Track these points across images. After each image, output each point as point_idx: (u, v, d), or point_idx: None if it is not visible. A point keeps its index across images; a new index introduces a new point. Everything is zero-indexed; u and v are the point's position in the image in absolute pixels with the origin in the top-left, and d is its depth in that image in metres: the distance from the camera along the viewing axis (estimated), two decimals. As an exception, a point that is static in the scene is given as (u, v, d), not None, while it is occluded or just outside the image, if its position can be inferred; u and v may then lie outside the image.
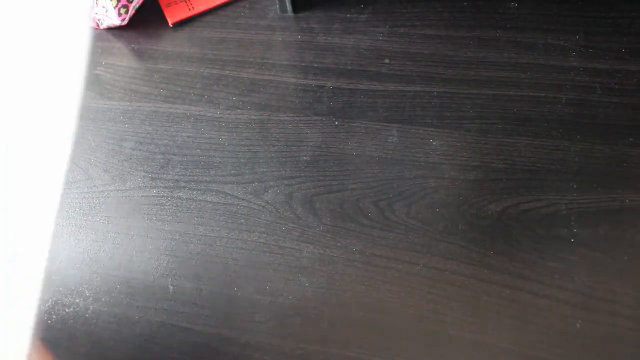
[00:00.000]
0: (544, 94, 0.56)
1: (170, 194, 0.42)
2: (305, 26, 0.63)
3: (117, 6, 0.52)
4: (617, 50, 0.45)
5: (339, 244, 0.53)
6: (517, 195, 0.50)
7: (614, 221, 0.44)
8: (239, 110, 0.44)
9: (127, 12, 0.53)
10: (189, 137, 0.45)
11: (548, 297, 0.46)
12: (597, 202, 0.41)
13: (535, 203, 0.50)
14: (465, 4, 0.51)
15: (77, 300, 0.38)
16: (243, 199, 0.55)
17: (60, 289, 0.39)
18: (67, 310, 0.38)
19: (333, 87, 0.61)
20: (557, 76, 0.42)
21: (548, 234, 0.48)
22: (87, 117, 0.49)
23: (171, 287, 0.48)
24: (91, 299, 0.38)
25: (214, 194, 0.52)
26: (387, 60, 0.63)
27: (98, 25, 0.54)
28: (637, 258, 0.44)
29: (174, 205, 0.42)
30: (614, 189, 0.39)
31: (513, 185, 0.51)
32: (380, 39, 0.65)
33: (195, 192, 0.42)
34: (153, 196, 0.43)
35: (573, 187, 0.43)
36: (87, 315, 0.38)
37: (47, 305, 0.39)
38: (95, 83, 0.51)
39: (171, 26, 0.54)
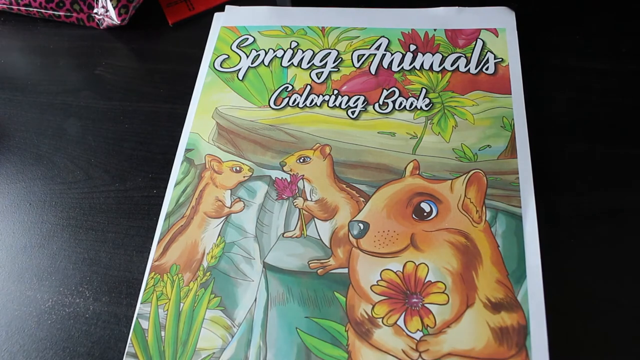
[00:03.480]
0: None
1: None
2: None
3: (116, 6, 0.52)
4: (618, 51, 0.46)
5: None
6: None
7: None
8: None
9: (126, 12, 0.53)
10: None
11: None
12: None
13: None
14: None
15: (77, 300, 0.38)
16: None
17: (60, 288, 0.39)
18: (66, 310, 0.38)
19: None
20: (557, 76, 0.44)
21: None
22: (87, 117, 0.49)
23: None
24: (91, 298, 0.39)
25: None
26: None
27: (98, 25, 0.54)
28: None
29: (175, 205, 0.42)
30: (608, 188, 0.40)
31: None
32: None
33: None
34: (153, 196, 0.43)
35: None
36: (87, 315, 0.38)
37: (46, 305, 0.38)
38: (95, 83, 0.51)
39: (171, 26, 0.54)
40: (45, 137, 0.48)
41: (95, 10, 0.54)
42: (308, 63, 0.46)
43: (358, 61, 0.46)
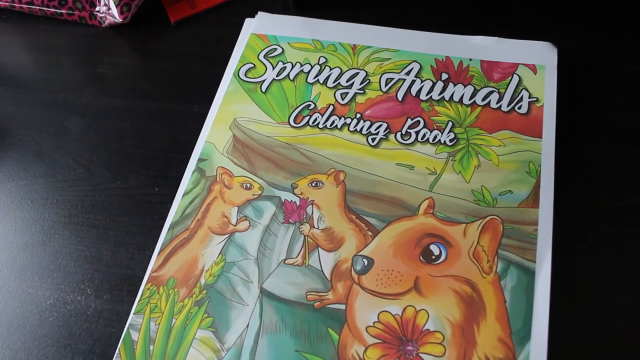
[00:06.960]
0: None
1: (172, 191, 0.42)
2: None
3: (119, 4, 0.52)
4: (618, 50, 0.45)
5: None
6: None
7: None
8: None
9: (129, 10, 0.53)
10: (191, 135, 0.45)
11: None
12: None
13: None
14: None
15: (79, 298, 0.39)
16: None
17: (62, 286, 0.40)
18: (68, 308, 0.39)
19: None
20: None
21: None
22: (89, 114, 0.49)
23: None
24: (93, 296, 0.39)
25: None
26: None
27: (100, 23, 0.55)
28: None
29: (176, 203, 0.42)
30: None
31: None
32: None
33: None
34: (155, 194, 0.43)
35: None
36: (88, 313, 0.38)
37: (48, 302, 0.39)
38: (97, 81, 0.51)
39: (173, 24, 0.54)
40: (47, 134, 0.48)
41: (97, 9, 0.54)
42: (334, 82, 0.45)
43: (386, 85, 0.44)
